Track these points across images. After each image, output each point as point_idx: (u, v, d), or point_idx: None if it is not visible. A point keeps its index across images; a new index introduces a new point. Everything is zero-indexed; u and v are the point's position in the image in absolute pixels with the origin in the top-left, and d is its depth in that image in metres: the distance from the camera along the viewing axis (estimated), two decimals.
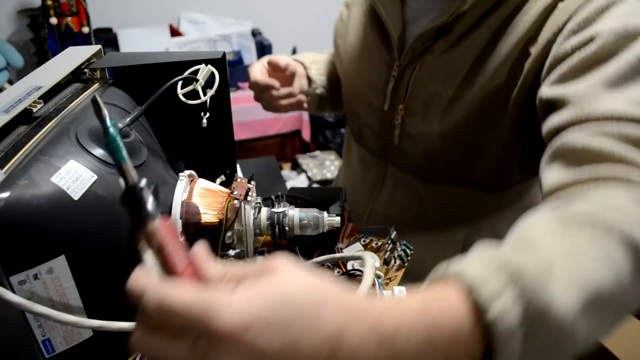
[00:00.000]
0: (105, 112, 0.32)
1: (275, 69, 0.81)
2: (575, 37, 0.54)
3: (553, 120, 0.52)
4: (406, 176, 0.78)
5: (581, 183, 0.44)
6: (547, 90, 0.55)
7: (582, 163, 0.46)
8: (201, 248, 0.32)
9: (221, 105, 0.60)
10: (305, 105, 0.84)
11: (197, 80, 0.54)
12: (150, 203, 0.31)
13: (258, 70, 0.81)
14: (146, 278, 0.29)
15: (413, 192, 0.77)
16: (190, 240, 0.48)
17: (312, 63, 0.92)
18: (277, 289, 0.28)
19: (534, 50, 0.60)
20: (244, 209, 0.50)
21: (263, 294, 0.28)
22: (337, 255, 0.56)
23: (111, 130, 0.31)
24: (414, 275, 0.64)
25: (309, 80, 0.90)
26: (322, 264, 0.57)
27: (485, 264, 0.32)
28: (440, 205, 0.76)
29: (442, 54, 0.67)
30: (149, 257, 0.30)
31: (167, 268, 0.29)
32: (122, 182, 0.31)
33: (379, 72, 0.75)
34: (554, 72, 0.55)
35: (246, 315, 0.26)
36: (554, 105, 0.53)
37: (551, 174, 0.48)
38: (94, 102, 0.33)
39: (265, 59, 0.83)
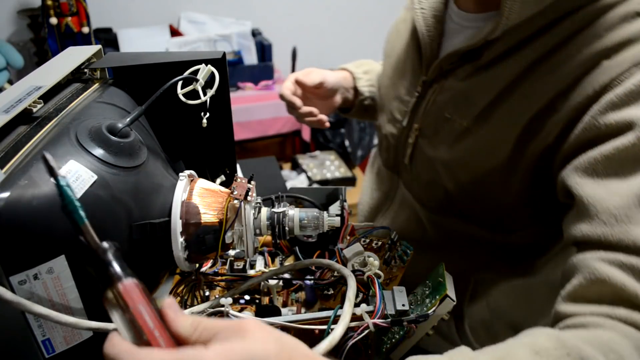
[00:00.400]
0: (58, 171, 0.31)
1: (303, 87, 0.82)
2: (613, 115, 0.48)
3: (578, 228, 0.48)
4: (411, 198, 0.75)
5: (597, 316, 0.43)
6: (573, 178, 0.50)
7: (602, 295, 0.43)
8: (170, 303, 0.32)
9: (221, 105, 0.60)
10: (327, 124, 0.83)
11: (197, 80, 0.54)
12: (115, 265, 0.31)
13: (286, 86, 0.81)
14: (120, 343, 0.29)
15: (416, 216, 0.75)
16: (191, 240, 0.48)
17: (364, 73, 0.91)
18: (251, 348, 0.30)
19: (563, 107, 0.53)
20: (244, 209, 0.50)
21: (237, 351, 0.29)
22: (324, 261, 0.56)
23: (68, 191, 0.31)
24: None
25: (357, 91, 0.90)
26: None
27: None
28: (440, 235, 0.72)
29: (464, 80, 0.62)
30: (116, 318, 0.31)
31: (136, 329, 0.30)
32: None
33: (407, 85, 0.73)
34: (583, 155, 0.49)
35: None
36: (579, 201, 0.48)
37: (569, 291, 0.46)
38: (44, 159, 0.32)
39: (295, 76, 0.82)
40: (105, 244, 0.31)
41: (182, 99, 0.53)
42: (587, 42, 0.52)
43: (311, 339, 0.49)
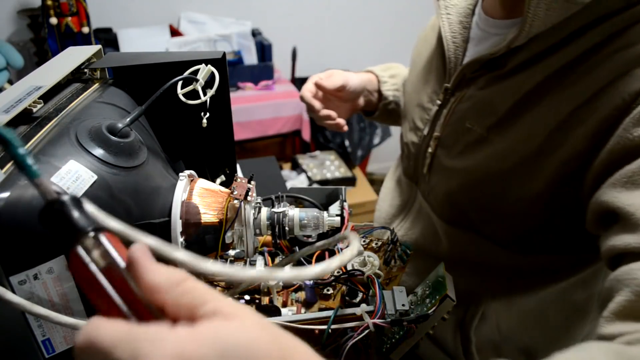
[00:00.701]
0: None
1: (324, 89, 0.80)
2: None
3: (621, 239, 0.44)
4: (428, 209, 0.72)
5: None
6: (611, 194, 0.46)
7: None
8: (140, 250, 0.26)
9: (221, 105, 0.60)
10: (345, 128, 0.82)
11: (197, 80, 0.54)
12: (77, 217, 0.26)
13: (307, 88, 0.80)
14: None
15: (432, 228, 0.72)
16: (191, 240, 0.48)
17: (390, 77, 0.90)
18: (237, 336, 0.24)
19: (589, 119, 0.50)
20: (244, 209, 0.50)
21: (217, 338, 0.23)
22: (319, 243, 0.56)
23: (14, 141, 0.27)
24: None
25: (381, 94, 0.89)
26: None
27: None
28: (455, 250, 0.69)
29: (484, 88, 0.60)
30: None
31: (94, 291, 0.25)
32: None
33: (430, 92, 0.71)
34: (620, 171, 0.46)
35: (182, 355, 0.22)
36: (620, 213, 0.45)
37: (615, 309, 0.41)
38: None
39: (316, 77, 0.80)
40: (66, 196, 0.26)
41: (182, 99, 0.53)
42: (618, 51, 0.49)
43: (311, 339, 0.49)
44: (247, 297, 0.57)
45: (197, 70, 0.55)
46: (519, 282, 0.67)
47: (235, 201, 0.50)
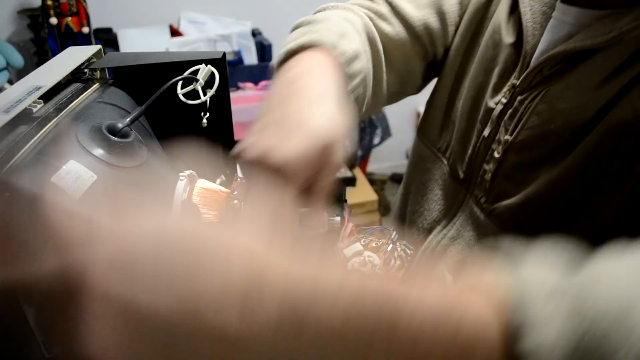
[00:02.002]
0: None
1: None
2: None
3: None
4: (483, 218, 0.64)
5: None
6: None
7: None
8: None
9: (221, 105, 0.60)
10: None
11: (197, 80, 0.54)
12: None
13: None
14: None
15: (486, 238, 0.65)
16: None
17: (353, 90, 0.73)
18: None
19: None
20: (244, 209, 0.50)
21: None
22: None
23: None
24: None
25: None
26: None
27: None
28: None
29: (582, 87, 0.53)
30: None
31: None
32: None
33: (491, 88, 0.63)
34: None
35: None
36: None
37: None
38: None
39: None
40: None
41: (182, 99, 0.53)
42: None
43: None
44: None
45: (197, 70, 0.55)
46: None
47: (235, 201, 0.50)
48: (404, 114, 2.85)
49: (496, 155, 0.61)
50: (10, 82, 1.82)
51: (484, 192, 0.64)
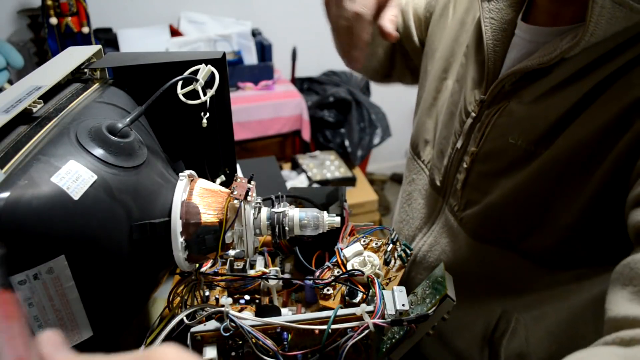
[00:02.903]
0: None
1: None
2: None
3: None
4: (456, 225, 0.68)
5: None
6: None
7: None
8: (50, 336, 0.26)
9: (221, 105, 0.60)
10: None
11: (197, 80, 0.54)
12: None
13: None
14: None
15: (458, 245, 0.68)
16: (191, 240, 0.48)
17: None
18: None
19: (636, 123, 0.49)
20: (244, 209, 0.50)
21: None
22: None
23: None
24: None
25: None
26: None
27: None
28: (485, 268, 0.66)
29: (532, 103, 0.57)
30: None
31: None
32: None
33: (464, 101, 0.66)
34: None
35: None
36: None
37: (618, 301, 0.41)
38: None
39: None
40: None
41: (182, 99, 0.53)
42: None
43: (311, 339, 0.49)
44: (247, 297, 0.57)
45: (197, 70, 0.55)
46: (551, 295, 0.64)
47: (235, 201, 0.50)
48: (404, 114, 2.85)
49: (464, 165, 0.65)
50: (10, 82, 1.82)
51: (457, 200, 0.68)
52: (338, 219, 0.56)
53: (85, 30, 1.75)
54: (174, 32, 2.16)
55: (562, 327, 0.68)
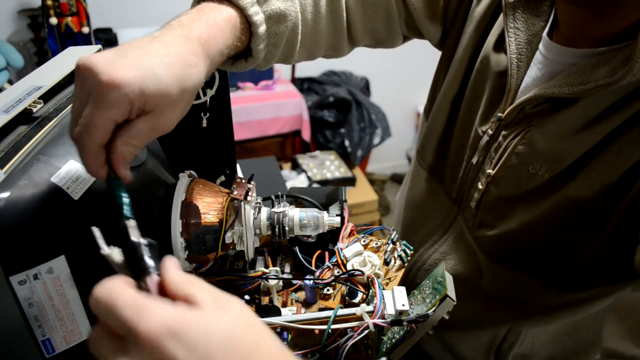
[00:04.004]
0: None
1: None
2: None
3: None
4: (471, 240, 0.66)
5: None
6: None
7: None
8: (170, 259, 0.33)
9: (221, 105, 0.60)
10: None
11: None
12: (147, 259, 0.33)
13: None
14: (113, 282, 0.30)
15: (473, 260, 0.66)
16: (191, 240, 0.48)
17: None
18: (217, 318, 0.29)
19: None
20: (244, 209, 0.50)
21: (200, 315, 0.29)
22: None
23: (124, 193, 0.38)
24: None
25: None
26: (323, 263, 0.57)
27: None
28: (498, 286, 0.64)
29: (557, 135, 0.53)
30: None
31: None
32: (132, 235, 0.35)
33: (480, 115, 0.63)
34: None
35: (174, 324, 0.27)
36: None
37: (613, 334, 0.43)
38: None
39: None
40: (144, 240, 0.34)
41: None
42: None
43: (311, 339, 0.49)
44: (247, 297, 0.57)
45: None
46: (562, 311, 0.64)
47: (235, 201, 0.50)
48: (404, 114, 2.85)
49: (480, 186, 0.62)
50: (10, 82, 1.82)
51: (472, 216, 0.65)
52: (338, 219, 0.56)
53: (85, 30, 1.74)
54: None
55: (567, 332, 0.68)
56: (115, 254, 0.33)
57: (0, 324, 0.39)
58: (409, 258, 0.59)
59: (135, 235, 0.35)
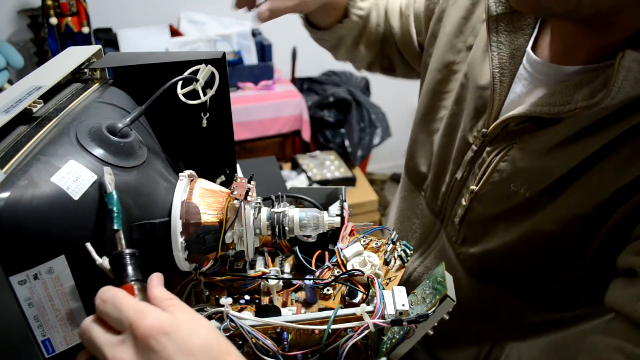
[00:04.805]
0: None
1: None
2: None
3: (615, 294, 0.45)
4: (454, 258, 0.66)
5: None
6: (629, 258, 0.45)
7: None
8: (156, 276, 0.40)
9: (221, 105, 0.60)
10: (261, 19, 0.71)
11: (197, 80, 0.54)
12: (128, 269, 0.39)
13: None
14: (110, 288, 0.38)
15: (455, 278, 0.67)
16: (191, 240, 0.48)
17: None
18: (198, 326, 0.36)
19: None
20: (244, 209, 0.50)
21: (185, 322, 0.36)
22: None
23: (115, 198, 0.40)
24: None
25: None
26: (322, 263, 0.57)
27: None
28: (480, 302, 0.64)
29: (537, 153, 0.53)
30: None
31: None
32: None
33: (463, 129, 0.62)
34: None
35: (166, 325, 0.34)
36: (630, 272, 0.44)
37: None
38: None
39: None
40: (128, 250, 0.40)
41: (182, 99, 0.53)
42: None
43: (311, 339, 0.49)
44: (247, 297, 0.57)
45: (197, 70, 0.55)
46: (547, 329, 0.64)
47: (235, 201, 0.50)
48: (404, 114, 2.85)
49: (463, 202, 0.62)
50: (10, 82, 1.82)
51: (455, 232, 0.65)
52: (338, 219, 0.56)
53: (85, 30, 1.74)
54: (174, 32, 2.16)
55: (555, 347, 0.68)
56: (106, 263, 0.39)
57: (0, 324, 0.39)
58: (409, 258, 0.59)
59: (120, 246, 0.40)
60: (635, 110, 0.46)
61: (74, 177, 0.39)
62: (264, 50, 2.19)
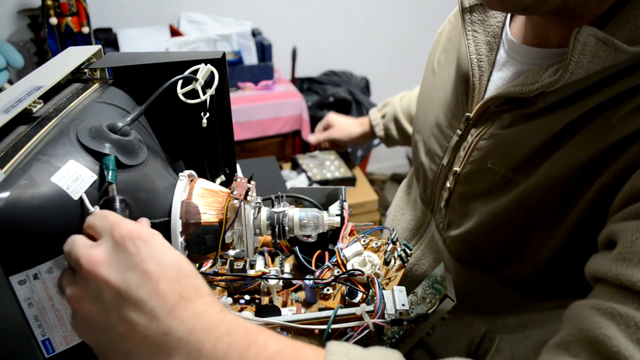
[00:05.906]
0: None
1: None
2: None
3: (593, 263, 0.44)
4: (441, 244, 0.68)
5: None
6: (615, 225, 0.44)
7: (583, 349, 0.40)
8: (144, 220, 0.43)
9: (221, 105, 0.60)
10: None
11: (196, 80, 0.54)
12: (119, 212, 0.40)
13: (315, 137, 1.30)
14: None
15: (442, 263, 0.69)
16: (191, 240, 0.48)
17: (382, 117, 1.11)
18: (172, 249, 0.37)
19: (618, 160, 0.46)
20: (244, 209, 0.50)
21: (162, 241, 0.37)
22: None
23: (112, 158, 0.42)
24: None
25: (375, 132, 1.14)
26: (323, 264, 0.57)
27: None
28: (468, 289, 0.64)
29: (510, 127, 0.55)
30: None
31: None
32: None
33: (450, 116, 0.65)
34: (631, 207, 0.43)
35: (145, 234, 0.36)
36: (614, 236, 0.43)
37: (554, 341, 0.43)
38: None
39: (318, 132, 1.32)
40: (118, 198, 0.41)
41: (182, 98, 0.53)
42: None
43: (311, 339, 0.49)
44: (247, 297, 0.57)
45: (197, 70, 0.55)
46: (534, 320, 0.64)
47: (235, 201, 0.50)
48: None
49: (448, 185, 0.64)
50: (10, 82, 1.82)
51: (442, 218, 0.67)
52: (338, 219, 0.56)
53: (85, 30, 1.74)
54: (174, 32, 2.16)
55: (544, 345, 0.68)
56: (98, 210, 0.40)
57: (0, 324, 0.39)
58: (409, 258, 0.59)
59: (112, 194, 0.41)
60: (603, 86, 0.48)
61: (73, 177, 0.39)
62: (264, 50, 2.18)
